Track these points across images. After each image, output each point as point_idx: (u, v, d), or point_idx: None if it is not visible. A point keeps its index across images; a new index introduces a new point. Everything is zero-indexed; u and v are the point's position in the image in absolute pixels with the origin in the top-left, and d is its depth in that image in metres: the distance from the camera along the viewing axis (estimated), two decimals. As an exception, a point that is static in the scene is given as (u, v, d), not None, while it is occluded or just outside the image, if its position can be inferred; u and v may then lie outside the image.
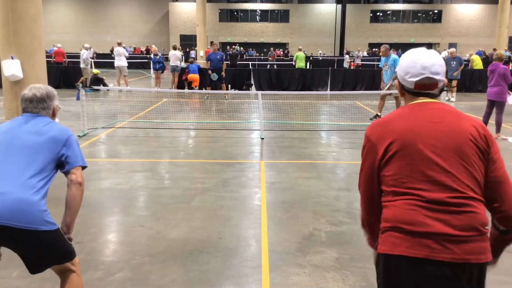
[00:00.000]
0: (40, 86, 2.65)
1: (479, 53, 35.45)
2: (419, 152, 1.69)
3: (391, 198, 1.74)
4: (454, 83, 15.11)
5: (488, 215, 1.75)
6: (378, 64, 28.37)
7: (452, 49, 15.41)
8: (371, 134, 1.82)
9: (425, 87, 1.81)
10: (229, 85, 16.65)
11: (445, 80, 1.86)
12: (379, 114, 10.77)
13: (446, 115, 1.75)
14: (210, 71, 14.96)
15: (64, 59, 22.79)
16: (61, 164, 2.55)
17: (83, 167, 2.63)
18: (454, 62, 14.72)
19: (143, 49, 43.99)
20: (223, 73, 14.99)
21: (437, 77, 1.80)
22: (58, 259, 2.47)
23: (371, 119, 10.75)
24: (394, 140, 1.73)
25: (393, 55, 10.55)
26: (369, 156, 1.81)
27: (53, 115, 2.70)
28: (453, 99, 14.91)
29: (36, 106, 2.59)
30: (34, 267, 2.46)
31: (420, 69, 1.79)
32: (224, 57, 15.45)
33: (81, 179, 2.56)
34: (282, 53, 39.93)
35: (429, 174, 1.66)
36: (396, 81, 1.96)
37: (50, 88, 2.70)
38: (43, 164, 2.43)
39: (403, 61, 1.85)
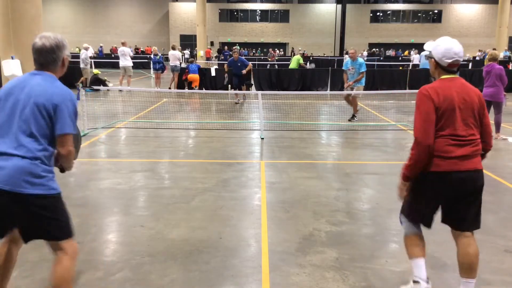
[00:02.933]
0: (50, 35, 2.59)
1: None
2: (454, 111, 2.80)
3: (437, 137, 2.81)
4: None
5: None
6: (377, 64, 28.55)
7: None
8: (432, 93, 2.82)
9: (453, 66, 2.90)
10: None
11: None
12: (355, 115, 10.88)
13: (466, 89, 2.87)
14: (226, 75, 14.60)
15: None
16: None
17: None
18: None
19: (142, 49, 44.10)
20: (244, 71, 14.03)
21: (460, 59, 2.90)
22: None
23: (349, 120, 10.76)
24: (444, 102, 2.79)
25: (360, 59, 10.63)
26: (431, 102, 2.80)
27: (63, 66, 2.66)
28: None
29: (46, 57, 2.56)
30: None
31: (453, 55, 2.86)
32: (246, 62, 14.24)
33: (67, 151, 2.55)
34: (279, 52, 39.95)
35: (458, 123, 2.80)
36: (431, 60, 2.97)
37: (60, 37, 2.62)
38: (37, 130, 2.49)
39: (440, 48, 2.89)
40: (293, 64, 19.94)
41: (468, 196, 2.87)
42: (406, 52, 42.85)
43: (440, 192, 2.86)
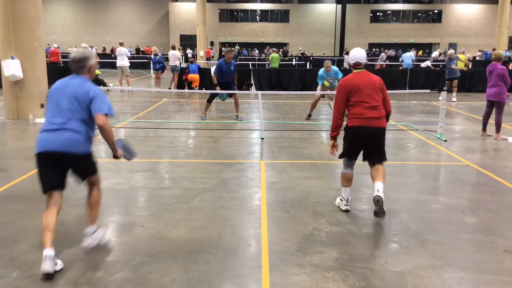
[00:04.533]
0: (78, 50, 3.61)
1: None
2: (362, 91, 4.51)
3: (352, 105, 4.54)
4: (455, 82, 15.17)
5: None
6: (378, 64, 28.57)
7: (451, 51, 15.62)
8: (345, 84, 4.58)
9: (357, 65, 4.67)
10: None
11: (366, 61, 4.73)
12: (311, 114, 11.18)
13: (369, 76, 4.59)
14: (218, 87, 10.51)
15: (59, 59, 22.92)
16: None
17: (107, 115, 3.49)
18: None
19: (142, 48, 44.10)
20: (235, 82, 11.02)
21: (362, 61, 4.68)
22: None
23: (306, 119, 11.01)
24: (353, 86, 4.53)
25: (334, 67, 11.00)
26: (344, 92, 4.56)
27: (89, 72, 3.63)
28: (454, 99, 14.94)
29: (76, 65, 3.56)
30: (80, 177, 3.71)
31: (354, 58, 4.67)
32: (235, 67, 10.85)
33: (101, 122, 3.44)
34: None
35: (366, 97, 4.49)
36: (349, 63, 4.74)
37: (87, 51, 3.60)
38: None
39: (350, 55, 4.71)
40: (275, 63, 20.55)
41: (374, 143, 4.55)
42: (420, 52, 42.83)
43: (358, 139, 4.56)
